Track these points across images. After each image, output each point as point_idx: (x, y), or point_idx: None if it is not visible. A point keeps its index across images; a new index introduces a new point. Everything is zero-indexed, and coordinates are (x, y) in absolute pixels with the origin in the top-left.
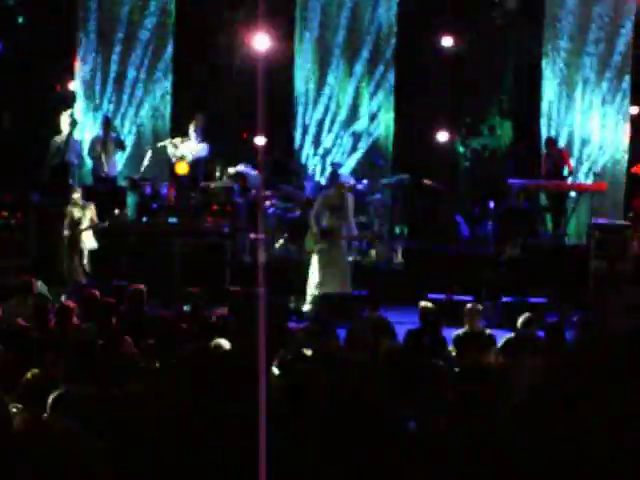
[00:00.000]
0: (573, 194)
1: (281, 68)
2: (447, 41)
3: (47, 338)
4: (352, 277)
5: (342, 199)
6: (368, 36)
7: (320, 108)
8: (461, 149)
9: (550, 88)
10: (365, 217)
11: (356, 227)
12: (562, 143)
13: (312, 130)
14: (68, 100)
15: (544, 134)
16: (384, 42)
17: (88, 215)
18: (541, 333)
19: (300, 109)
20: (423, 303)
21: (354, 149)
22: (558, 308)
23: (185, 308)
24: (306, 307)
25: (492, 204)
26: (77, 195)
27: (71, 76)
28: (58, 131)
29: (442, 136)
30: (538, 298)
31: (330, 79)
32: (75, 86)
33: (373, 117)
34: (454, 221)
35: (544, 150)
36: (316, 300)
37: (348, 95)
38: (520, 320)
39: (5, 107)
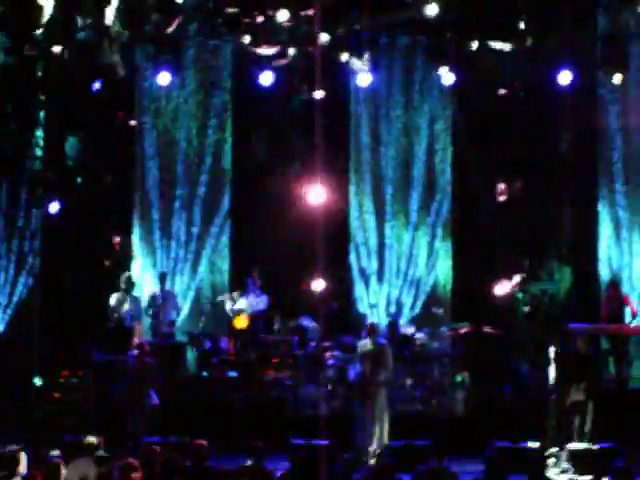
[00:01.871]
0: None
1: (336, 216)
2: (502, 189)
3: None
4: (414, 427)
5: (380, 347)
6: (421, 186)
7: (376, 257)
8: (520, 294)
9: (607, 230)
10: (425, 366)
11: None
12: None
13: (369, 278)
14: (126, 259)
15: (603, 277)
16: (440, 191)
17: (150, 371)
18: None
19: (355, 258)
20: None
21: (414, 298)
22: (625, 453)
23: (248, 462)
24: (371, 461)
25: (553, 349)
26: (138, 351)
27: (129, 234)
28: (117, 291)
29: (500, 284)
30: (604, 443)
31: (386, 229)
32: (133, 244)
33: (430, 265)
34: (515, 367)
35: (605, 293)
36: (380, 452)
37: (405, 244)
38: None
39: (65, 268)
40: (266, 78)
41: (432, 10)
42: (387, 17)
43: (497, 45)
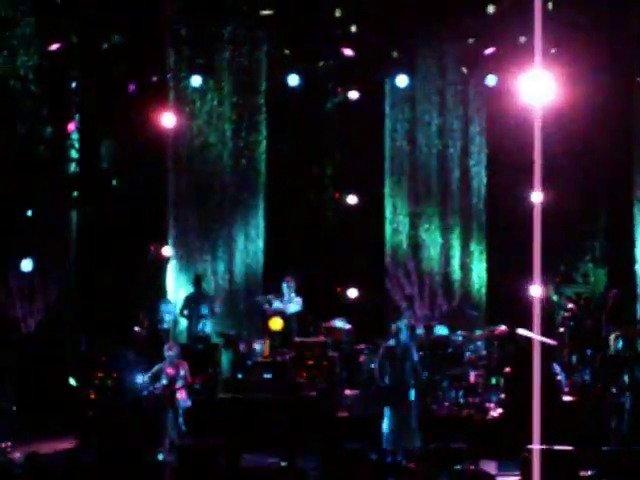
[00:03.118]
0: None
1: (371, 220)
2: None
3: None
4: (448, 429)
5: (404, 348)
6: (459, 190)
7: (412, 260)
8: (555, 297)
9: None
10: (460, 369)
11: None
12: None
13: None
14: (162, 262)
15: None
16: (475, 195)
17: (182, 373)
18: None
19: (391, 260)
20: (524, 453)
21: (448, 300)
22: None
23: (282, 463)
24: (399, 457)
25: (589, 352)
26: (172, 353)
27: (165, 237)
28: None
29: (535, 286)
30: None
31: (421, 232)
32: (168, 247)
33: (465, 268)
34: (552, 370)
35: None
36: (414, 454)
37: (439, 246)
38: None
39: (101, 270)
40: (297, 79)
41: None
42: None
43: None
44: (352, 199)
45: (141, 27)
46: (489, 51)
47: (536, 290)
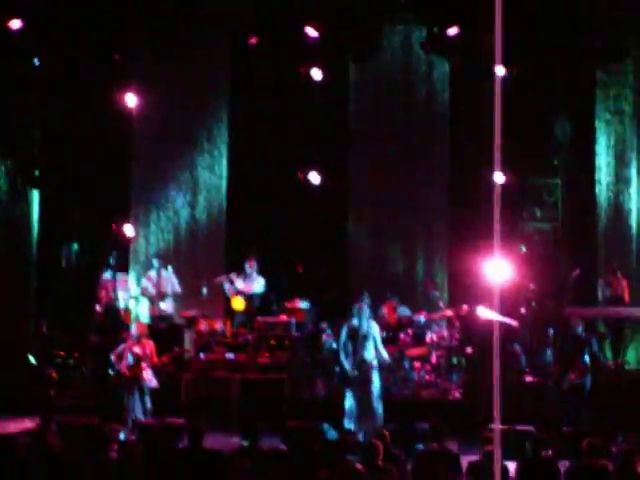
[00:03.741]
0: None
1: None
2: None
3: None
4: (411, 410)
5: (369, 327)
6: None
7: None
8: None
9: None
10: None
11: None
12: None
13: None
14: (122, 241)
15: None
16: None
17: (148, 352)
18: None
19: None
20: (485, 433)
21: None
22: (622, 437)
23: (244, 443)
24: (360, 437)
25: (551, 332)
26: (135, 331)
27: (126, 215)
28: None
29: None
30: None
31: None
32: (130, 225)
33: (429, 251)
34: (512, 350)
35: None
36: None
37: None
38: (584, 447)
39: (62, 249)
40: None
41: None
42: None
43: None
44: (315, 178)
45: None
46: (453, 32)
47: (496, 269)
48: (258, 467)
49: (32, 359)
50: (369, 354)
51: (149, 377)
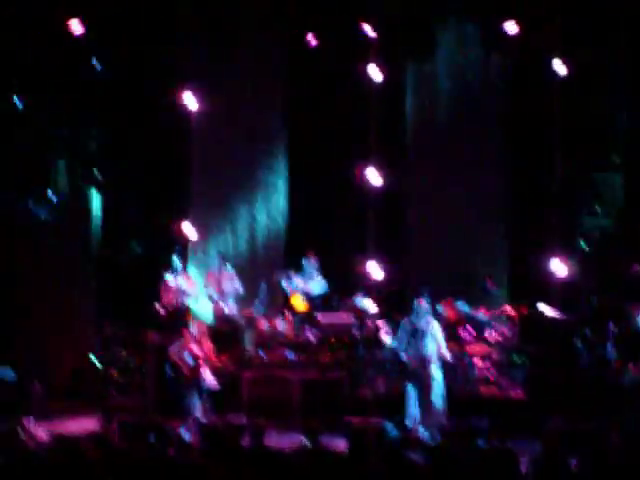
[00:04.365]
0: None
1: (394, 198)
2: None
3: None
4: (472, 407)
5: (426, 323)
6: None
7: (431, 239)
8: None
9: None
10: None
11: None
12: None
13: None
14: (182, 240)
15: None
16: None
17: (207, 353)
18: None
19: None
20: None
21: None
22: None
23: (305, 442)
24: (422, 435)
25: (612, 326)
26: (194, 331)
27: (185, 214)
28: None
29: (556, 262)
30: None
31: (442, 207)
32: (189, 224)
33: (487, 246)
34: (574, 346)
35: None
36: (437, 432)
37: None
38: None
39: (122, 249)
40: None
41: None
42: None
43: None
44: (375, 177)
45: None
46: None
47: (557, 266)
48: (320, 466)
49: (95, 360)
50: (428, 350)
51: (209, 378)
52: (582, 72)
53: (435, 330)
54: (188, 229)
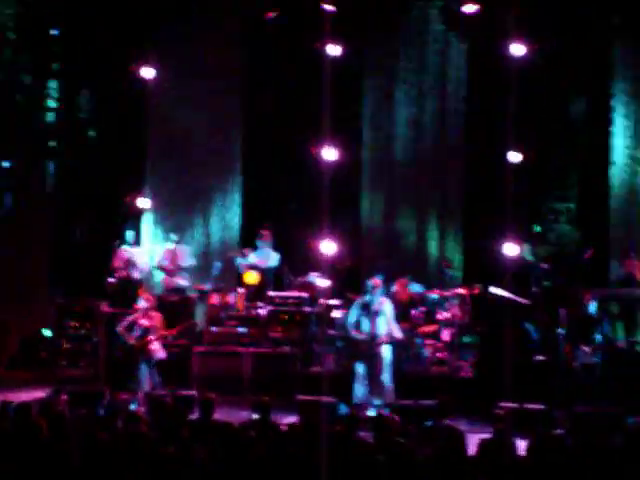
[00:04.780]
0: None
1: (349, 178)
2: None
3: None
4: (420, 386)
5: (379, 303)
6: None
7: (386, 219)
8: (530, 257)
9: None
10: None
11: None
12: None
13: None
14: (136, 213)
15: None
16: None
17: (156, 325)
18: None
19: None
20: (496, 411)
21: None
22: (633, 416)
23: (254, 416)
24: (370, 413)
25: (563, 311)
26: (146, 304)
27: (140, 188)
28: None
29: (510, 246)
30: (611, 406)
31: (397, 193)
32: (144, 199)
33: (441, 229)
34: (523, 329)
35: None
36: (382, 409)
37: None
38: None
39: (77, 221)
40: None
41: None
42: None
43: None
44: (329, 153)
45: None
46: (471, 10)
47: (509, 249)
48: (269, 440)
49: (47, 332)
50: (380, 330)
51: (157, 349)
52: (540, 55)
53: (387, 309)
54: (142, 202)
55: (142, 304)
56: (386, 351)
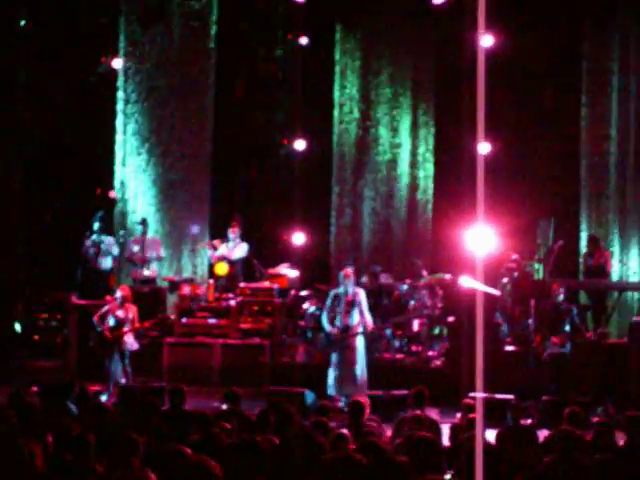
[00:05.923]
0: None
1: (320, 169)
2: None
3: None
4: (392, 376)
5: (354, 294)
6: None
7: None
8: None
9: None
10: (404, 317)
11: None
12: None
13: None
14: (106, 204)
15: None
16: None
17: (130, 316)
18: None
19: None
20: (466, 400)
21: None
22: (602, 407)
23: (224, 407)
24: (341, 404)
25: (533, 302)
26: (119, 295)
27: (111, 179)
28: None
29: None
30: (580, 396)
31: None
32: (115, 188)
33: (412, 217)
34: (494, 320)
35: (586, 248)
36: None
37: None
38: (566, 416)
39: (47, 210)
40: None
41: None
42: None
43: None
44: (300, 145)
45: None
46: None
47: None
48: (239, 430)
49: (17, 326)
50: (353, 320)
51: (130, 341)
52: (510, 47)
53: (360, 300)
54: (113, 193)
55: (118, 295)
56: (359, 342)
